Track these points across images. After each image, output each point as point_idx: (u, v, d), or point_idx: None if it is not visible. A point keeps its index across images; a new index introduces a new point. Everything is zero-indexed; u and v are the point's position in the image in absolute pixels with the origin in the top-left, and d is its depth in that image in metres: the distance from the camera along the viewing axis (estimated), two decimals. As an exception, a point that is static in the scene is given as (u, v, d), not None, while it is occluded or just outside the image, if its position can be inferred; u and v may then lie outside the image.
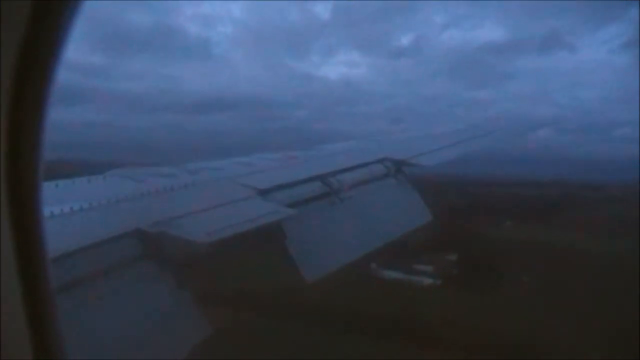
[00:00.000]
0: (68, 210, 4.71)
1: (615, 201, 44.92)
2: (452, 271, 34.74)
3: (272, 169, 7.72)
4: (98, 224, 4.79)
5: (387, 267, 33.62)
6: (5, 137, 1.44)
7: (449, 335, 23.19)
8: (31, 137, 1.53)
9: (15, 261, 1.53)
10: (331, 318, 24.05)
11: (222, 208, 5.89)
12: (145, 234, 4.73)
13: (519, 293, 30.26)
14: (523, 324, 24.73)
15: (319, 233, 6.65)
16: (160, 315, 4.62)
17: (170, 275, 4.74)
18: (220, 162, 7.90)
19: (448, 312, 26.71)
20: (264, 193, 6.39)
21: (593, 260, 32.48)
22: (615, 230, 37.15)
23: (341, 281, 30.14)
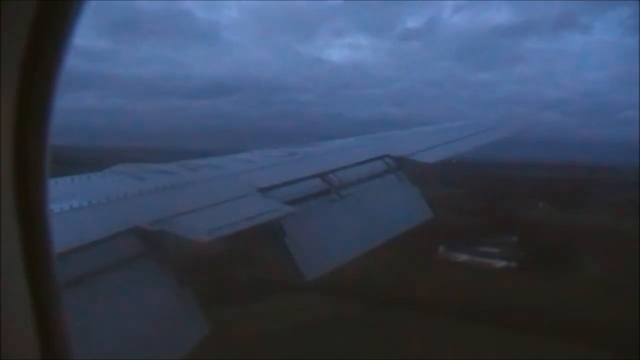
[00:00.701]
0: (68, 208, 4.70)
1: (637, 183, 44.79)
2: (520, 253, 34.37)
3: (272, 166, 7.71)
4: (98, 221, 4.78)
5: (455, 250, 33.58)
6: (12, 135, 1.44)
7: (558, 320, 22.99)
8: (37, 135, 1.52)
9: (22, 261, 1.53)
10: (431, 305, 24.20)
11: (222, 206, 5.88)
12: (146, 232, 4.72)
13: (595, 273, 30.02)
14: (620, 304, 24.47)
15: (318, 231, 6.64)
16: (160, 313, 4.62)
17: (171, 273, 4.73)
18: (220, 159, 7.89)
19: (541, 295, 26.31)
20: (264, 190, 6.38)
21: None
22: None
23: (416, 263, 30.46)
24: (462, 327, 22.77)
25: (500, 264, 33.26)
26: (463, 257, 33.60)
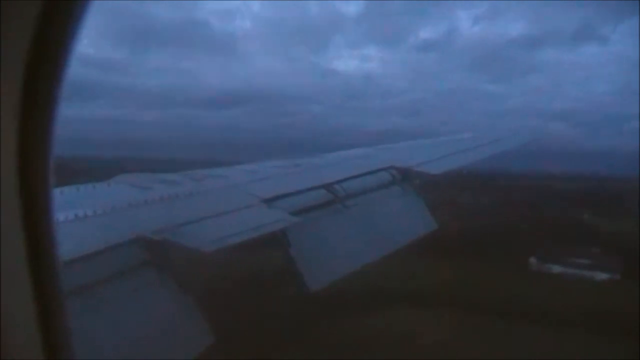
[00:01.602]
0: (73, 217, 4.71)
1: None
2: (612, 264, 32.59)
3: (277, 176, 7.71)
4: (102, 230, 4.79)
5: (546, 262, 32.70)
6: (16, 140, 1.44)
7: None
8: (41, 140, 1.52)
9: (27, 265, 1.52)
10: (563, 319, 23.66)
11: (227, 216, 5.88)
12: (150, 241, 4.73)
13: None
14: None
15: (323, 241, 6.62)
16: (163, 323, 4.60)
17: (174, 282, 4.73)
18: (225, 169, 7.91)
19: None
20: (268, 201, 6.38)
21: None
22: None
23: (516, 275, 29.98)
24: (606, 343, 21.76)
25: (601, 276, 31.58)
26: (557, 269, 32.09)
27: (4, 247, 1.49)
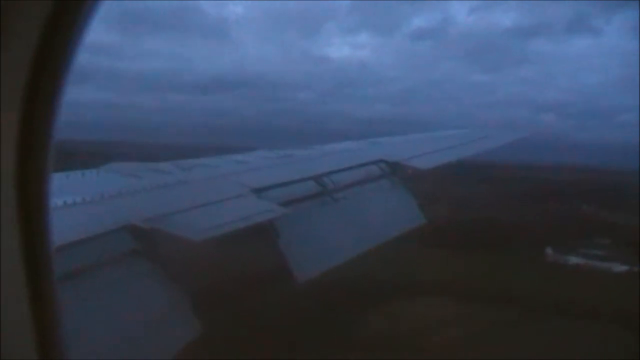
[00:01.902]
0: (62, 204, 4.71)
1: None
2: (628, 256, 31.61)
3: (267, 167, 7.73)
4: (92, 218, 4.79)
5: (563, 253, 31.96)
6: (17, 132, 1.46)
7: None
8: (42, 132, 1.54)
9: (21, 258, 1.54)
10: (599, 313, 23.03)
11: (216, 206, 5.90)
12: (139, 229, 4.74)
13: None
14: None
15: (311, 233, 6.66)
16: (151, 311, 4.62)
17: (163, 271, 4.75)
18: (215, 159, 7.91)
19: None
20: (258, 191, 6.40)
21: None
22: None
23: (534, 267, 29.56)
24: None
25: (619, 267, 30.71)
26: (575, 260, 31.40)
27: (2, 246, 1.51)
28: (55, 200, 4.66)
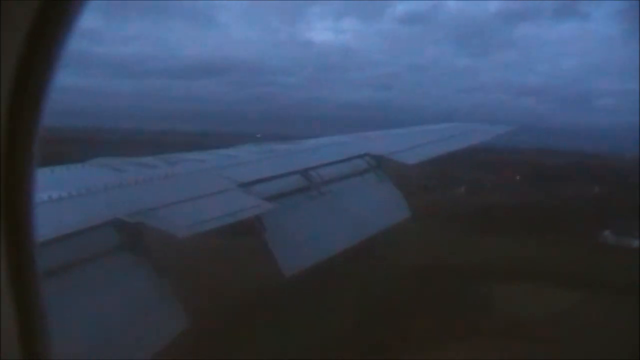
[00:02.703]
0: (46, 199, 4.67)
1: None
2: None
3: (253, 161, 7.74)
4: (77, 213, 4.77)
5: (621, 235, 29.97)
6: (3, 127, 1.45)
7: None
8: (27, 129, 1.54)
9: (4, 252, 1.53)
10: None
11: (203, 200, 5.90)
12: (125, 224, 4.73)
13: None
14: None
15: (298, 227, 6.69)
16: (137, 306, 4.62)
17: (149, 265, 4.74)
18: (202, 153, 7.90)
19: None
20: (244, 186, 6.41)
21: None
22: None
23: (592, 251, 28.13)
24: None
25: None
26: (637, 243, 29.27)
27: None
28: (41, 195, 4.63)
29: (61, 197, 4.87)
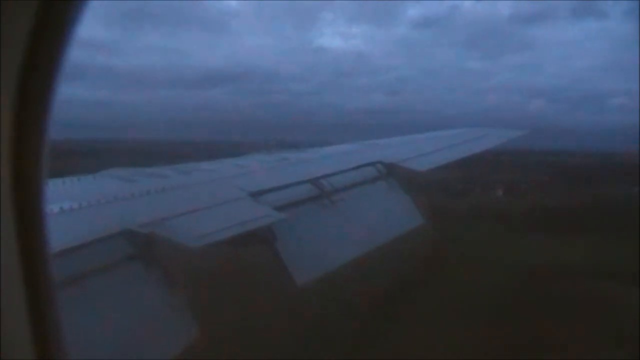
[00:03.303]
0: (58, 210, 4.67)
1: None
2: None
3: (264, 171, 7.71)
4: (89, 224, 4.76)
5: None
6: (11, 136, 1.43)
7: None
8: (35, 135, 1.52)
9: (18, 260, 1.52)
10: None
11: (214, 210, 5.87)
12: (136, 234, 4.71)
13: None
14: None
15: (310, 236, 6.63)
16: (149, 316, 4.59)
17: (160, 276, 4.71)
18: (212, 163, 7.89)
19: None
20: (255, 195, 6.38)
21: None
22: None
23: None
24: None
25: None
26: None
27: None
28: (53, 206, 4.63)
29: (72, 208, 4.87)
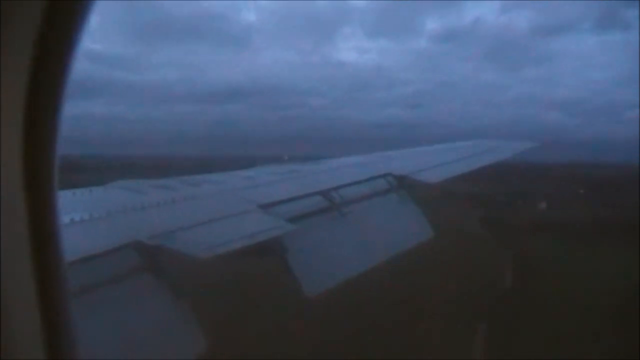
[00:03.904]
0: (68, 222, 4.68)
1: None
2: None
3: (274, 182, 7.70)
4: (98, 235, 4.77)
5: None
6: (21, 142, 1.44)
7: None
8: (47, 142, 1.53)
9: (31, 263, 1.53)
10: None
11: (223, 222, 5.86)
12: (145, 246, 4.70)
13: None
14: None
15: (320, 248, 6.60)
16: (157, 328, 4.57)
17: (169, 289, 4.69)
18: (222, 175, 7.90)
19: None
20: (265, 207, 6.36)
21: None
22: None
23: None
24: None
25: None
26: None
27: (9, 248, 1.49)
28: (62, 218, 4.63)
29: (82, 219, 4.88)
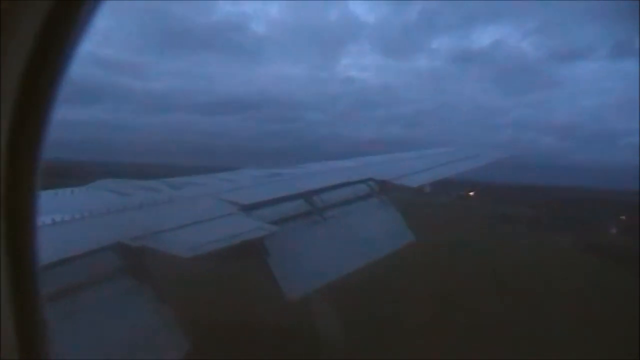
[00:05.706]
0: (50, 222, 4.69)
1: None
2: None
3: (256, 185, 7.75)
4: (80, 236, 4.77)
5: None
6: (7, 140, 1.45)
7: None
8: (32, 142, 1.53)
9: (5, 263, 1.53)
10: None
11: (205, 223, 5.90)
12: (127, 247, 4.72)
13: None
14: None
15: (301, 251, 6.66)
16: (139, 330, 4.59)
17: (152, 289, 4.72)
18: (204, 177, 7.92)
19: None
20: (247, 209, 6.41)
21: None
22: None
23: None
24: None
25: None
26: None
27: None
28: (45, 218, 4.64)
29: (64, 220, 4.88)
